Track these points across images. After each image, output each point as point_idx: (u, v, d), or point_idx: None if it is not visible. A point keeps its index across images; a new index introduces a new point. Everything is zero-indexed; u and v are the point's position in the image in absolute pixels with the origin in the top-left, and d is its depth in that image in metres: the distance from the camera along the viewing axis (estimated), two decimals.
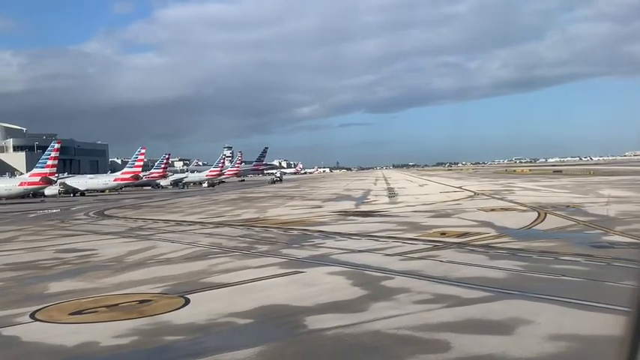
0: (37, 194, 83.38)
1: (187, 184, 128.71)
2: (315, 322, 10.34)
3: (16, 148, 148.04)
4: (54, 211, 51.77)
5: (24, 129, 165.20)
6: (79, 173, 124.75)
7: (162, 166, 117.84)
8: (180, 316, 10.95)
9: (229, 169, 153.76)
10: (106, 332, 10.05)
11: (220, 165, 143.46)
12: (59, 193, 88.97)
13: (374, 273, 14.57)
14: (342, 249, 18.99)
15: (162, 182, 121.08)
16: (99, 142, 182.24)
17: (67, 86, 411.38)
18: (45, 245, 23.37)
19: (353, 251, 18.47)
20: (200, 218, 34.71)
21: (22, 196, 78.66)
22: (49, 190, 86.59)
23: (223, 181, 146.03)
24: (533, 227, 23.51)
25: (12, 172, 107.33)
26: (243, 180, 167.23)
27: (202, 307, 11.59)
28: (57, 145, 75.09)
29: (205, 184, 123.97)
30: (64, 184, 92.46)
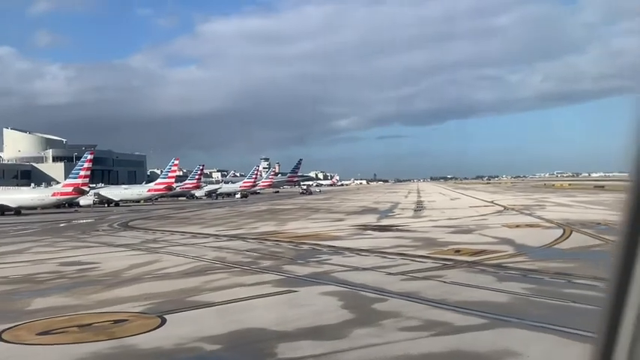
0: (72, 204, 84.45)
1: (221, 195, 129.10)
2: (287, 349, 9.62)
3: (55, 159, 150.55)
4: (82, 221, 52.03)
5: (64, 140, 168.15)
6: (117, 184, 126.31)
7: (197, 177, 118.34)
8: (148, 339, 10.33)
9: (263, 180, 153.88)
10: (64, 356, 9.50)
11: (254, 176, 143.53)
12: (93, 204, 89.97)
13: (369, 294, 13.77)
14: (346, 266, 18.22)
15: (197, 193, 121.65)
16: (137, 153, 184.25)
17: (111, 99, 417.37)
18: (51, 258, 23.09)
19: (357, 269, 17.68)
20: (217, 231, 34.26)
21: (57, 205, 79.59)
22: (84, 201, 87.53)
23: (257, 192, 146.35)
24: (555, 246, 22.39)
25: (48, 182, 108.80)
26: (278, 191, 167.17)
27: (176, 330, 10.96)
28: (90, 156, 75.69)
29: (238, 196, 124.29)
30: (98, 194, 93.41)
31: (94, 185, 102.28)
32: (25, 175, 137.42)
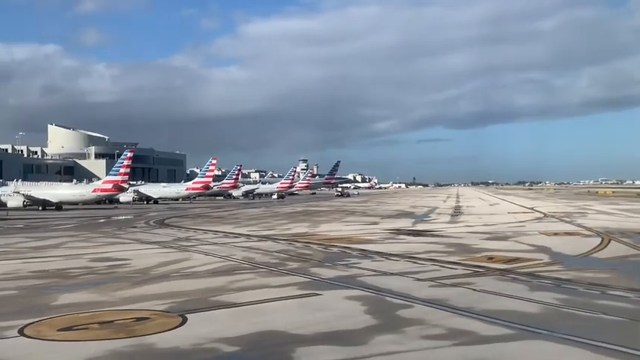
0: (112, 201, 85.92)
1: (258, 195, 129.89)
2: (305, 354, 9.44)
3: (97, 156, 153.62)
4: (120, 217, 52.80)
5: (106, 137, 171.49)
6: (157, 182, 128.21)
7: (234, 177, 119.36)
8: (167, 339, 10.26)
9: (300, 181, 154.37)
10: (81, 353, 9.47)
11: (291, 177, 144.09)
12: (133, 201, 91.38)
13: (394, 300, 13.50)
14: (373, 270, 17.96)
15: (234, 193, 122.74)
16: (177, 152, 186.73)
17: (154, 98, 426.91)
18: (84, 253, 23.33)
19: (385, 274, 17.40)
20: (250, 231, 34.30)
21: (97, 202, 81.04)
22: (124, 197, 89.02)
23: (294, 194, 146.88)
24: (592, 255, 21.78)
25: (90, 178, 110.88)
26: (315, 193, 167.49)
27: (196, 330, 10.87)
28: (130, 154, 76.88)
29: (275, 196, 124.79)
30: (137, 191, 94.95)
31: (134, 183, 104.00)
32: (68, 170, 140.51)
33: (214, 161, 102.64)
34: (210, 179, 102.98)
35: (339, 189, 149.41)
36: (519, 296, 13.75)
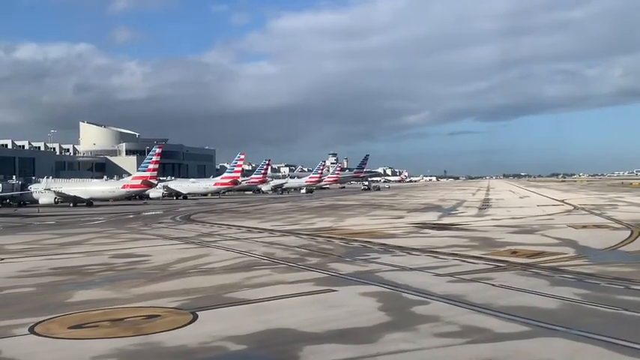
0: (142, 196, 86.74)
1: (287, 189, 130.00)
2: (312, 353, 9.25)
3: (128, 152, 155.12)
4: (148, 213, 53.20)
5: (137, 134, 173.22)
6: (187, 177, 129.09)
7: (262, 171, 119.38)
8: (175, 337, 10.15)
9: (329, 175, 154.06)
10: (87, 352, 9.42)
11: (320, 172, 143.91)
12: (162, 196, 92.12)
13: (410, 296, 13.24)
14: (393, 265, 17.70)
15: (263, 187, 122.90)
16: (206, 147, 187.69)
17: (185, 94, 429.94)
18: (107, 249, 23.46)
19: (404, 269, 17.13)
20: (274, 225, 34.22)
21: (128, 197, 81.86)
22: (154, 193, 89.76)
23: (323, 188, 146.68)
24: (619, 248, 21.23)
25: (120, 175, 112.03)
26: (344, 187, 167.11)
27: (205, 327, 10.75)
28: (158, 150, 77.38)
29: (303, 190, 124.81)
30: (167, 187, 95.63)
31: (164, 178, 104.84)
32: (100, 167, 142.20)
33: (242, 156, 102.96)
34: (239, 174, 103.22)
35: (366, 183, 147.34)
36: (539, 292, 13.38)
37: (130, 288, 14.83)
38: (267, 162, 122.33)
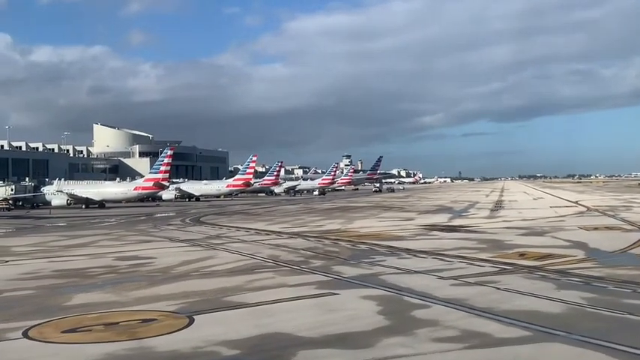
0: (155, 198, 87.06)
1: (300, 191, 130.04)
2: (306, 358, 9.08)
3: (141, 154, 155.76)
4: (159, 215, 53.31)
5: (150, 136, 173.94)
6: (200, 179, 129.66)
7: (275, 173, 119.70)
8: (168, 341, 9.99)
9: (342, 177, 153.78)
10: (77, 357, 9.32)
11: (333, 173, 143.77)
12: (175, 198, 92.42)
13: (412, 299, 13.01)
14: (397, 268, 17.46)
15: (276, 189, 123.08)
16: (219, 149, 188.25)
17: (199, 96, 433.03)
18: (112, 252, 23.40)
19: (408, 272, 16.89)
20: (282, 228, 34.07)
21: (141, 199, 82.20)
22: (167, 195, 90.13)
23: (336, 190, 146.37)
24: (630, 251, 20.85)
25: (134, 176, 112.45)
26: (357, 189, 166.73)
27: (200, 332, 10.59)
28: (170, 152, 77.58)
29: (316, 192, 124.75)
30: (179, 189, 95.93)
31: (177, 180, 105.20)
32: (113, 169, 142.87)
33: (255, 158, 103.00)
34: (251, 176, 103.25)
35: (377, 185, 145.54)
36: (544, 295, 13.11)
37: (129, 291, 14.72)
38: (279, 164, 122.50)
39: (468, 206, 58.45)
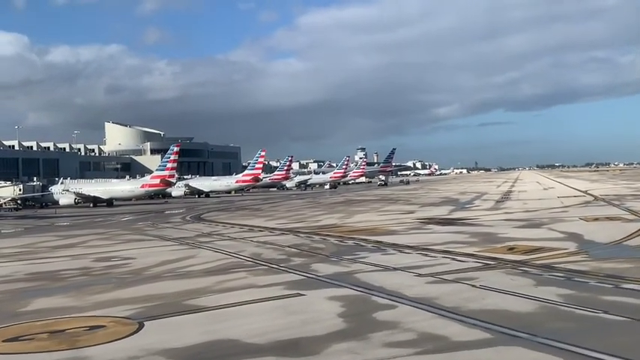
0: (165, 195, 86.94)
1: (311, 185, 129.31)
2: None
3: (153, 152, 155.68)
4: (168, 212, 53.07)
5: (161, 133, 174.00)
6: (212, 175, 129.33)
7: (285, 168, 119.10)
8: (106, 351, 9.48)
9: (354, 170, 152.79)
10: None
11: (344, 167, 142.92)
12: (184, 195, 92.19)
13: (380, 299, 12.43)
14: (377, 265, 16.87)
15: (288, 184, 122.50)
16: (231, 144, 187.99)
17: (214, 93, 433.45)
18: (95, 252, 23.01)
19: (387, 269, 16.31)
20: (278, 224, 33.55)
21: (151, 196, 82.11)
22: (176, 192, 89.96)
23: (348, 183, 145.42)
24: (625, 242, 20.09)
25: (144, 174, 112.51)
26: (370, 182, 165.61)
27: (143, 340, 10.09)
28: (176, 149, 77.24)
29: (327, 186, 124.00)
30: (188, 185, 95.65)
31: (187, 177, 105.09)
32: (125, 167, 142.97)
33: (263, 153, 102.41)
34: (259, 171, 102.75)
35: (382, 178, 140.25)
36: (519, 293, 12.47)
37: (92, 295, 14.25)
38: (289, 158, 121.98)
39: (475, 198, 57.59)
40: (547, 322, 10.22)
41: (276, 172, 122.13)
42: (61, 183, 78.38)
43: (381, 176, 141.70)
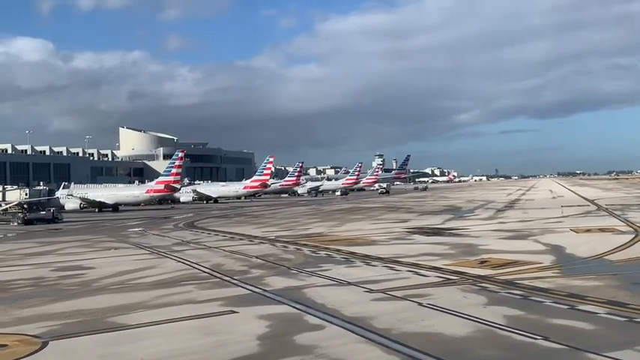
0: (173, 200, 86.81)
1: (323, 192, 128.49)
2: None
3: (165, 157, 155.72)
4: (166, 218, 52.57)
5: (175, 138, 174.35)
6: (225, 180, 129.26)
7: (296, 173, 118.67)
8: None
9: (367, 177, 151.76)
10: None
11: (357, 173, 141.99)
12: (193, 200, 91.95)
13: (312, 319, 11.61)
14: (333, 280, 16.02)
15: (299, 190, 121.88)
16: (245, 150, 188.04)
17: (234, 99, 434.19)
18: (60, 260, 22.54)
19: (340, 284, 15.45)
20: (265, 232, 32.78)
21: (160, 201, 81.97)
22: (184, 197, 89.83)
23: (362, 189, 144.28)
24: (607, 256, 19.00)
25: (155, 179, 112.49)
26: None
27: None
28: (181, 155, 77.13)
29: (338, 193, 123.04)
30: (195, 191, 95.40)
31: (195, 182, 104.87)
32: (138, 172, 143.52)
33: (271, 159, 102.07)
34: (268, 177, 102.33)
35: (384, 186, 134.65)
36: (463, 313, 11.54)
37: (21, 309, 13.57)
38: (300, 164, 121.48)
39: (479, 206, 56.42)
40: (476, 349, 9.36)
41: (286, 178, 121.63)
42: (67, 188, 78.38)
43: (382, 184, 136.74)
